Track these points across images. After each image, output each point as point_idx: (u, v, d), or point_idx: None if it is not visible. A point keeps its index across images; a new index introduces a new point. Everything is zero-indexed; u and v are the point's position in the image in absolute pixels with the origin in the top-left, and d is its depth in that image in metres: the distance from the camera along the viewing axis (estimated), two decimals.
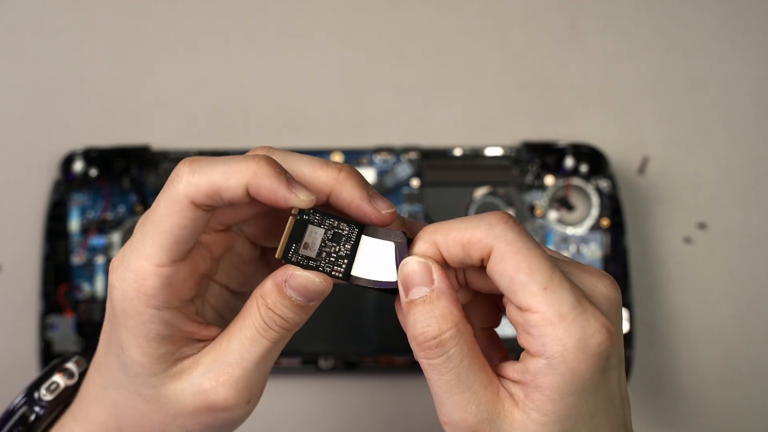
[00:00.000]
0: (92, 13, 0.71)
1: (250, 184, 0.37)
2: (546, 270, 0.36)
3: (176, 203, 0.38)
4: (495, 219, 0.37)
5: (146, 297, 0.38)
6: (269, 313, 0.39)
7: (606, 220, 0.68)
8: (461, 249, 0.38)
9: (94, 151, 0.67)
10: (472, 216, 0.38)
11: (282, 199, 0.37)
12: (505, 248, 0.37)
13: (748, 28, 0.72)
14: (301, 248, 0.38)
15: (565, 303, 0.36)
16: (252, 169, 0.37)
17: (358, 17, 0.72)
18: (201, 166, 0.38)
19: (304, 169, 0.39)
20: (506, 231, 0.37)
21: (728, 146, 0.71)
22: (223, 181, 0.37)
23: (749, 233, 0.70)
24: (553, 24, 0.71)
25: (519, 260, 0.36)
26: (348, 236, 0.39)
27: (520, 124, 0.70)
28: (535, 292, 0.36)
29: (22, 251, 0.68)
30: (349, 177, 0.39)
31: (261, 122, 0.70)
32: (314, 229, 0.38)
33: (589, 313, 0.36)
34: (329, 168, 0.39)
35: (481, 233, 0.37)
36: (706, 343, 0.69)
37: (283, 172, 0.37)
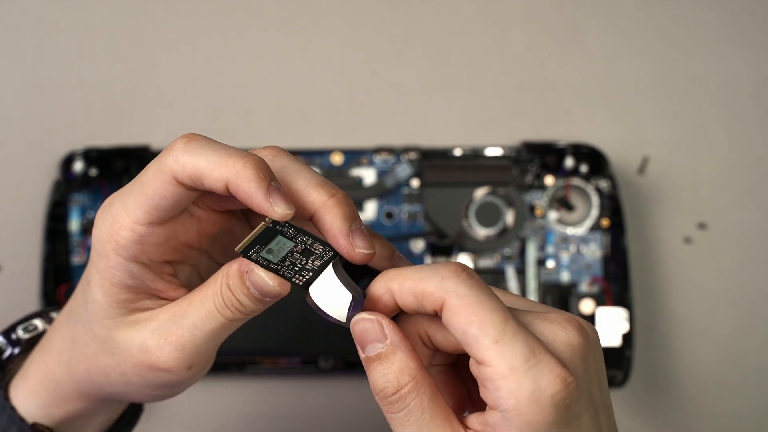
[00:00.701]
0: (92, 13, 0.71)
1: (229, 181, 0.37)
2: (498, 322, 0.36)
3: (161, 173, 0.38)
4: (447, 272, 0.37)
5: (117, 245, 0.39)
6: (228, 294, 0.39)
7: (606, 220, 0.68)
8: (414, 299, 0.38)
9: (94, 152, 0.67)
10: (427, 266, 0.38)
11: (257, 206, 0.37)
12: (457, 302, 0.36)
13: (748, 28, 0.72)
14: (263, 251, 0.38)
15: (517, 355, 0.36)
16: (236, 168, 0.37)
17: (358, 17, 0.72)
18: (194, 147, 0.38)
19: (298, 182, 0.39)
20: (458, 285, 0.37)
21: (728, 146, 0.71)
22: (206, 170, 0.38)
23: (749, 233, 0.70)
24: (553, 24, 0.71)
25: (470, 314, 0.36)
26: (320, 256, 0.39)
27: (520, 124, 0.70)
28: (486, 345, 0.36)
29: (22, 251, 0.68)
30: (337, 205, 0.39)
31: (261, 122, 0.70)
32: (283, 240, 0.38)
33: (543, 364, 0.36)
34: (322, 190, 0.39)
35: (433, 286, 0.37)
36: (706, 343, 0.69)
37: (266, 178, 0.37)
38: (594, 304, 0.67)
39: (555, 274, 0.68)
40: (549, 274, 0.68)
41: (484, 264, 0.68)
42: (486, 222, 0.67)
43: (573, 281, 0.68)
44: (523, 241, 0.68)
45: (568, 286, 0.68)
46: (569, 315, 0.38)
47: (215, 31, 0.71)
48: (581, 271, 0.68)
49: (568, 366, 0.36)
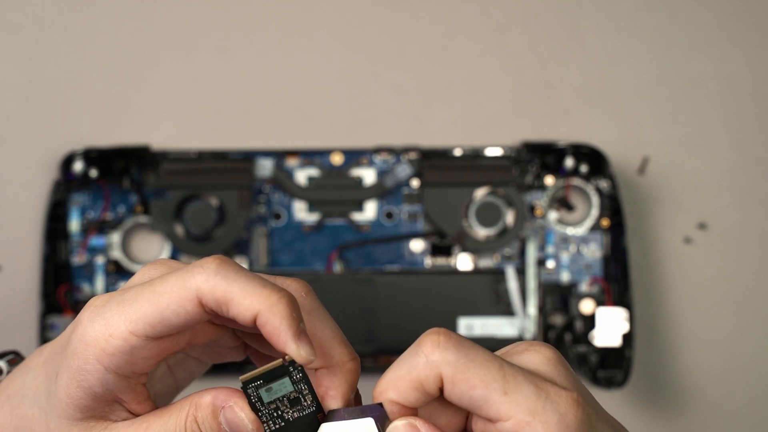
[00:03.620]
0: (92, 13, 0.71)
1: (261, 313, 0.36)
2: (497, 373, 0.36)
3: (185, 290, 0.36)
4: (428, 347, 0.36)
5: (102, 353, 0.37)
6: (194, 426, 0.38)
7: (606, 221, 0.68)
8: (417, 392, 0.37)
9: (94, 152, 0.67)
10: (405, 355, 0.37)
11: (282, 344, 0.36)
12: (452, 371, 0.36)
13: (748, 28, 0.72)
14: (263, 389, 0.37)
15: (529, 397, 0.35)
16: (270, 301, 0.36)
17: (358, 17, 0.72)
18: (228, 272, 0.36)
19: (325, 332, 0.38)
20: (444, 354, 0.36)
21: (728, 146, 0.71)
22: (237, 298, 0.36)
23: (749, 233, 0.70)
24: (553, 24, 0.71)
25: (469, 378, 0.36)
26: (304, 408, 0.38)
27: (520, 124, 0.70)
28: (498, 401, 0.35)
29: (22, 251, 0.68)
30: (353, 371, 0.38)
31: (261, 122, 0.70)
32: (286, 383, 0.37)
33: (551, 392, 0.36)
34: (346, 349, 0.38)
35: (424, 369, 0.36)
36: (706, 343, 0.69)
37: (298, 319, 0.36)
38: (594, 304, 0.67)
39: (555, 274, 0.68)
40: (549, 274, 0.68)
41: (484, 264, 0.68)
42: (486, 222, 0.67)
43: (573, 281, 0.68)
44: (523, 241, 0.68)
45: (568, 286, 0.68)
46: (529, 340, 0.38)
47: (215, 31, 0.71)
48: (581, 271, 0.68)
49: (564, 383, 0.36)
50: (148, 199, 0.67)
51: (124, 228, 0.67)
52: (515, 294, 0.67)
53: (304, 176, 0.68)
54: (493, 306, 0.67)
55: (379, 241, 0.68)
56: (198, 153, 0.67)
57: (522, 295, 0.67)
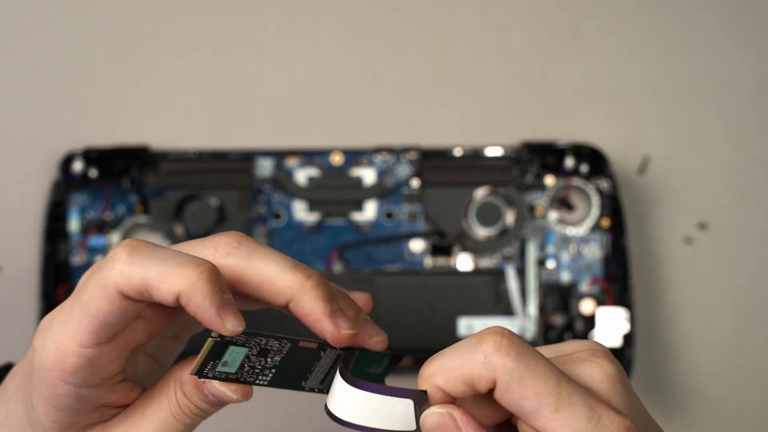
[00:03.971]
0: (92, 13, 0.71)
1: (182, 294, 0.34)
2: (553, 389, 0.35)
3: (105, 289, 0.35)
4: (489, 347, 0.35)
5: (64, 373, 0.36)
6: (185, 401, 0.37)
7: (606, 221, 0.68)
8: (466, 386, 0.36)
9: (93, 151, 0.66)
10: (464, 344, 0.36)
11: (207, 320, 0.35)
12: (508, 378, 0.35)
13: (748, 28, 0.72)
14: (219, 366, 0.36)
15: (580, 419, 0.35)
16: (190, 281, 0.34)
17: (358, 17, 0.71)
18: (140, 257, 0.35)
19: (270, 267, 0.36)
20: (503, 359, 0.35)
21: (728, 146, 0.71)
22: (157, 282, 0.35)
23: (749, 233, 0.70)
24: (553, 24, 0.71)
25: (524, 388, 0.35)
26: (279, 350, 0.37)
27: (520, 124, 0.70)
28: (547, 416, 0.35)
29: (21, 251, 0.68)
30: (316, 287, 0.36)
31: (261, 122, 0.70)
32: (236, 349, 0.36)
33: (604, 417, 0.35)
34: (297, 272, 0.36)
35: (479, 368, 0.35)
36: (706, 343, 0.69)
37: (220, 291, 0.35)
38: (594, 304, 0.67)
39: (555, 274, 0.68)
40: (549, 274, 0.68)
41: (484, 264, 0.68)
42: (486, 222, 0.67)
43: (573, 281, 0.67)
44: (523, 241, 0.68)
45: (568, 286, 0.67)
46: (589, 344, 0.38)
47: (215, 31, 0.71)
48: (581, 271, 0.68)
49: (620, 406, 0.36)
50: (147, 199, 0.67)
51: (124, 228, 0.67)
52: (515, 294, 0.67)
53: (304, 176, 0.68)
54: (493, 306, 0.67)
55: (379, 241, 0.68)
56: (198, 153, 0.67)
57: (522, 295, 0.67)
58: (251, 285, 0.36)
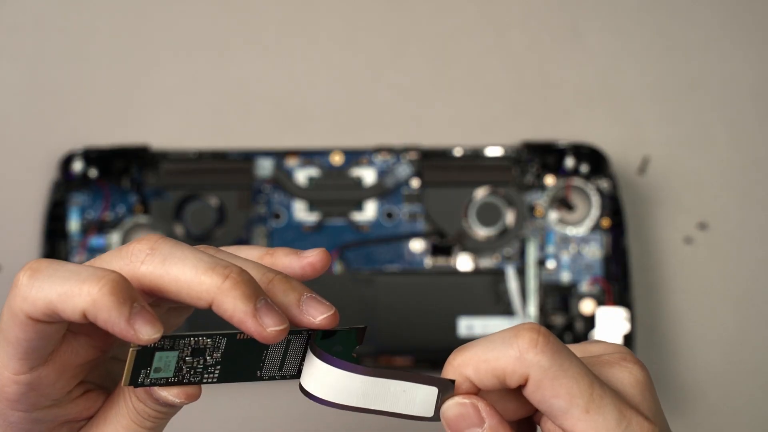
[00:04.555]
0: (92, 13, 0.71)
1: (87, 311, 0.33)
2: (585, 390, 0.35)
3: (14, 317, 0.34)
4: (524, 343, 0.35)
5: (9, 402, 0.35)
6: (140, 406, 0.36)
7: (606, 221, 0.68)
8: (496, 380, 0.36)
9: (93, 151, 0.66)
10: (497, 338, 0.36)
11: (119, 334, 0.33)
12: (541, 376, 0.35)
13: (748, 28, 0.72)
14: (151, 372, 0.34)
15: (609, 421, 0.35)
16: (91, 297, 0.33)
17: (358, 17, 0.71)
18: (41, 280, 0.33)
19: (186, 272, 0.35)
20: (538, 356, 0.35)
21: (728, 146, 0.71)
22: (60, 303, 0.33)
23: (750, 233, 0.70)
24: (553, 24, 0.71)
25: (557, 387, 0.35)
26: (215, 347, 0.35)
27: (520, 124, 0.70)
28: (577, 417, 0.35)
29: (21, 251, 0.68)
30: (234, 287, 0.34)
31: (261, 122, 0.70)
32: (164, 354, 0.34)
33: (633, 421, 0.35)
34: (214, 274, 0.34)
35: (513, 363, 0.35)
36: (706, 343, 0.69)
37: (128, 301, 0.33)
38: (594, 304, 0.67)
39: (555, 274, 0.68)
40: (549, 275, 0.68)
41: (484, 264, 0.68)
42: (486, 222, 0.67)
43: (573, 281, 0.67)
44: (523, 241, 0.68)
45: (568, 286, 0.67)
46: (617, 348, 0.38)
47: (215, 31, 0.71)
48: (582, 271, 0.68)
49: (648, 413, 0.36)
50: (147, 199, 0.67)
51: (124, 228, 0.67)
52: (515, 294, 0.67)
53: (304, 176, 0.68)
54: (493, 306, 0.66)
55: (379, 241, 0.68)
56: (198, 153, 0.67)
57: (522, 295, 0.67)
58: (170, 291, 0.35)
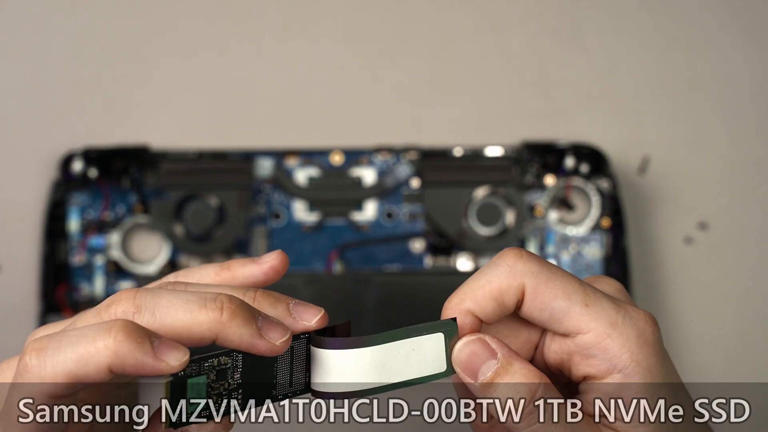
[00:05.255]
0: (92, 13, 0.71)
1: (112, 365, 0.33)
2: (578, 288, 0.36)
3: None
4: (511, 259, 0.37)
5: None
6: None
7: (606, 220, 0.67)
8: (495, 303, 0.37)
9: (93, 151, 0.66)
10: (483, 268, 0.37)
11: (151, 372, 0.33)
12: (535, 282, 0.36)
13: (748, 28, 0.72)
14: (187, 406, 0.35)
15: (609, 311, 0.36)
16: (111, 349, 0.33)
17: (358, 17, 0.71)
18: (52, 354, 0.33)
19: (181, 317, 0.35)
20: (527, 265, 0.36)
21: (728, 146, 0.71)
22: (81, 369, 0.33)
23: (750, 233, 0.70)
24: (553, 24, 0.71)
25: (552, 288, 0.36)
26: (234, 366, 0.36)
27: (521, 123, 0.70)
28: (579, 312, 0.36)
29: (21, 251, 0.68)
30: (232, 317, 0.35)
31: (261, 122, 0.70)
32: (195, 381, 0.35)
33: (629, 309, 0.37)
34: (209, 311, 0.35)
35: (506, 278, 0.36)
36: (706, 343, 0.69)
37: (146, 338, 0.33)
38: None
39: None
40: None
41: (484, 264, 0.67)
42: (486, 222, 0.67)
43: None
44: (523, 241, 0.68)
45: None
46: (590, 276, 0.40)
47: (215, 31, 0.71)
48: (581, 271, 0.68)
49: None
50: (147, 199, 0.67)
51: (124, 228, 0.67)
52: None
53: (304, 176, 0.68)
54: None
55: (379, 241, 0.68)
56: (198, 153, 0.67)
57: None
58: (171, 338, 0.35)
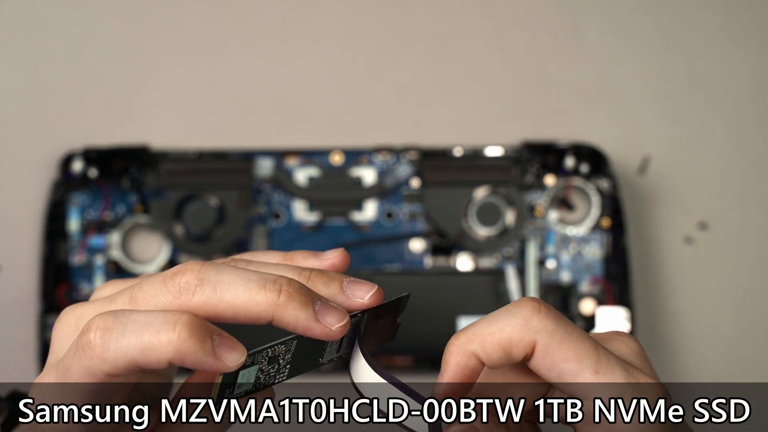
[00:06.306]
0: (92, 13, 0.71)
1: (173, 360, 0.34)
2: (592, 352, 0.36)
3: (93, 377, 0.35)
4: (527, 311, 0.36)
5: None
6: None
7: (606, 220, 0.67)
8: (503, 352, 0.36)
9: (93, 151, 0.66)
10: (499, 312, 0.36)
11: (209, 369, 0.34)
12: (548, 340, 0.35)
13: (748, 28, 0.72)
14: (235, 389, 0.36)
15: (619, 380, 0.35)
16: (173, 345, 0.34)
17: (358, 17, 0.71)
18: (114, 339, 0.34)
19: (240, 296, 0.35)
20: (544, 321, 0.36)
21: (728, 146, 0.71)
22: (143, 359, 0.34)
23: (750, 233, 0.70)
24: (553, 24, 0.71)
25: (564, 350, 0.35)
26: (287, 350, 0.37)
27: (521, 123, 0.70)
28: (588, 378, 0.35)
29: (21, 251, 0.68)
30: (290, 300, 0.36)
31: (261, 122, 0.70)
32: (246, 371, 0.36)
33: (641, 380, 0.36)
34: (267, 292, 0.35)
35: (519, 331, 0.36)
36: (707, 343, 0.69)
37: (207, 336, 0.34)
38: (594, 303, 0.67)
39: (555, 274, 0.68)
40: (549, 275, 0.68)
41: (484, 264, 0.67)
42: (486, 222, 0.67)
43: (573, 281, 0.67)
44: (523, 241, 0.68)
45: (568, 286, 0.67)
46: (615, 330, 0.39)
47: (215, 31, 0.71)
48: (581, 271, 0.68)
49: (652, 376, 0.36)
50: (147, 199, 0.67)
51: (124, 228, 0.67)
52: (515, 294, 0.66)
53: (304, 176, 0.68)
54: (493, 306, 0.66)
55: (379, 241, 0.68)
56: (198, 153, 0.67)
57: (522, 295, 0.67)
58: (227, 317, 0.36)
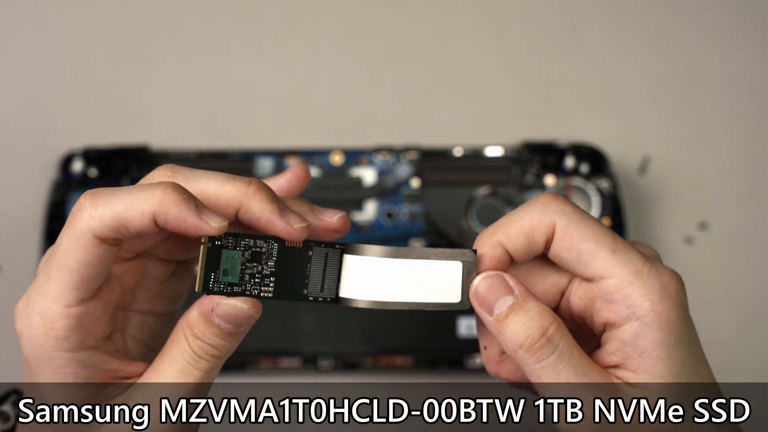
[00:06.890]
0: (92, 13, 0.71)
1: (157, 213, 0.35)
2: (608, 235, 0.37)
3: (80, 238, 0.35)
4: (546, 199, 0.38)
5: (57, 341, 0.36)
6: (198, 343, 0.37)
7: (607, 220, 0.68)
8: (525, 239, 0.38)
9: (93, 151, 0.66)
10: (519, 207, 0.39)
11: (192, 227, 0.35)
12: (566, 222, 0.37)
13: (748, 28, 0.72)
14: (220, 275, 0.37)
15: (636, 260, 0.37)
16: (158, 198, 0.35)
17: (358, 17, 0.72)
18: (104, 197, 0.36)
19: (210, 185, 0.37)
20: (562, 206, 0.38)
21: (728, 146, 0.71)
22: (128, 212, 0.35)
23: (750, 233, 0.70)
24: (553, 24, 0.71)
25: (582, 230, 0.37)
26: (269, 253, 0.37)
27: (521, 123, 0.70)
28: (605, 257, 0.37)
29: (21, 251, 0.68)
30: (258, 191, 0.37)
31: (261, 122, 0.70)
32: (230, 253, 0.37)
33: (656, 263, 0.37)
34: (237, 182, 0.37)
35: (539, 216, 0.38)
36: (707, 343, 0.69)
37: (191, 198, 0.36)
38: None
39: None
40: None
41: None
42: (486, 222, 0.67)
43: None
44: None
45: None
46: None
47: (215, 31, 0.71)
48: None
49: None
50: None
51: None
52: None
53: None
54: None
55: (379, 241, 0.68)
56: (198, 153, 0.67)
57: None
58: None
